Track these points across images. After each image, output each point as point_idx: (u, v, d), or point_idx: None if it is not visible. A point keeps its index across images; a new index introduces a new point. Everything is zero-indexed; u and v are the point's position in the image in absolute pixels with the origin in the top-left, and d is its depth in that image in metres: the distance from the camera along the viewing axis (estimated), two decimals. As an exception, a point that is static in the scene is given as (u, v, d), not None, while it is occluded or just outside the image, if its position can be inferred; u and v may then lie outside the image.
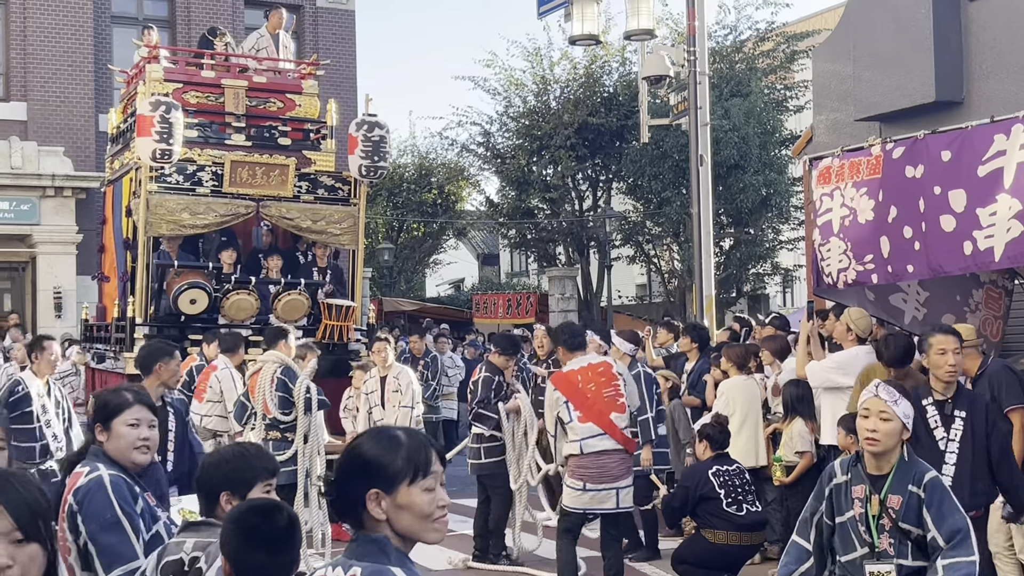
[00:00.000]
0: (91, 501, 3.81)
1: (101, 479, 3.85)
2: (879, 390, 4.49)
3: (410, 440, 2.56)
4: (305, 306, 12.15)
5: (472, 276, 41.89)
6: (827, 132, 13.15)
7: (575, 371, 7.80)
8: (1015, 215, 6.65)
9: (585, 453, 7.61)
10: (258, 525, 2.99)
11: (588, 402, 7.68)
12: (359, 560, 2.49)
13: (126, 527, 3.78)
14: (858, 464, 4.52)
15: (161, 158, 11.41)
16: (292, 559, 2.94)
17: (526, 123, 25.15)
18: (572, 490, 7.69)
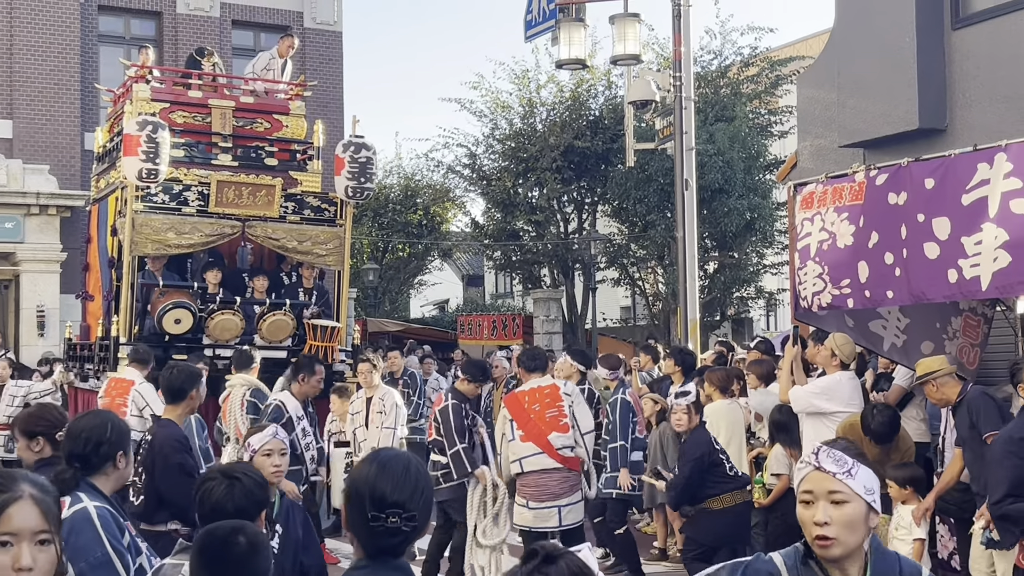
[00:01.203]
0: (79, 536, 3.62)
1: (87, 512, 3.68)
2: (821, 458, 2.89)
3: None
4: (290, 327, 12.14)
5: (457, 297, 41.90)
6: (811, 158, 13.23)
7: (524, 392, 8.31)
8: (1001, 245, 6.65)
9: (525, 471, 8.03)
10: (217, 548, 2.98)
11: (530, 423, 8.10)
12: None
13: (117, 566, 3.62)
14: (810, 564, 2.90)
15: (147, 178, 11.41)
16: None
17: (512, 145, 25.23)
18: (518, 507, 8.15)
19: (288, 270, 13.24)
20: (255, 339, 12.05)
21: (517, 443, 8.10)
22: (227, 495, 3.43)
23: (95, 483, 3.81)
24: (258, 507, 3.49)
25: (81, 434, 3.85)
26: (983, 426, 6.80)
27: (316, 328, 12.11)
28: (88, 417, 4.05)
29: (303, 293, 12.83)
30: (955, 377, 7.13)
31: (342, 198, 12.60)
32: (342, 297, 13.10)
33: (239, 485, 3.46)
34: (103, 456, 3.83)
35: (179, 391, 6.32)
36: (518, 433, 8.11)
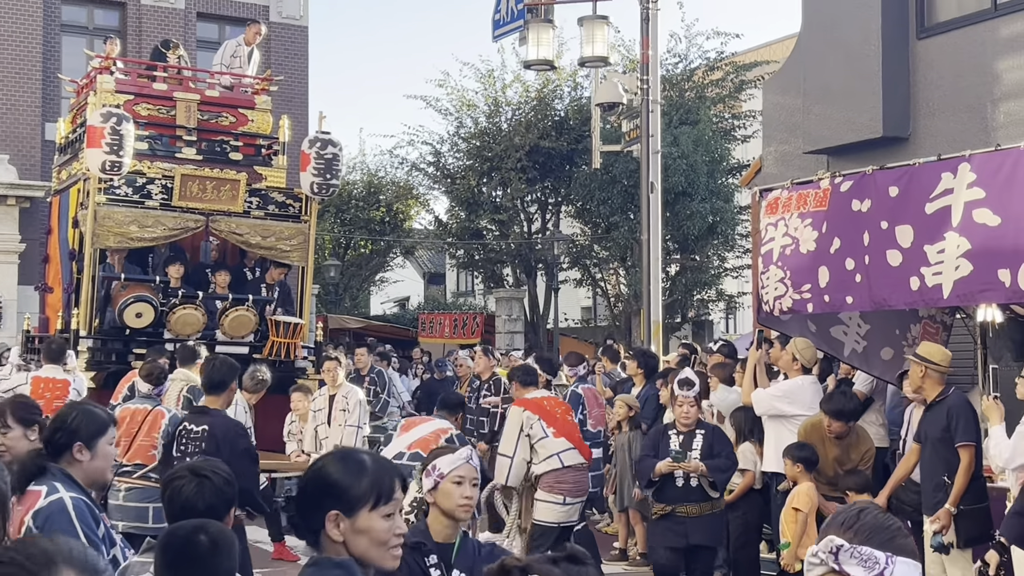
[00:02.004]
0: (53, 526, 3.56)
1: (63, 502, 3.63)
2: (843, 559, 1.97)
3: (375, 465, 2.56)
4: (252, 322, 12.06)
5: (417, 295, 41.80)
6: (775, 163, 13.34)
7: (539, 398, 8.26)
8: (963, 254, 6.74)
9: (565, 466, 7.95)
10: (179, 547, 2.97)
11: (558, 421, 8.10)
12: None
13: None
14: None
15: (111, 170, 11.31)
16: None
17: (477, 144, 25.23)
18: (552, 504, 7.97)
19: (250, 266, 13.14)
20: (217, 334, 11.98)
21: (551, 440, 8.02)
22: (197, 494, 3.38)
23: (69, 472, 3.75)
24: (227, 505, 3.45)
25: (53, 421, 3.86)
26: (960, 434, 6.79)
27: (278, 324, 12.05)
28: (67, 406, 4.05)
29: (266, 289, 12.76)
30: (943, 378, 7.15)
31: (307, 194, 12.54)
32: (305, 294, 13.06)
33: (209, 484, 3.40)
34: (58, 444, 3.77)
35: (220, 383, 6.72)
36: (550, 431, 8.04)
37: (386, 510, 2.51)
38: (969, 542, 6.81)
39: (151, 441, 7.38)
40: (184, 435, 6.79)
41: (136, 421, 7.55)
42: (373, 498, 2.50)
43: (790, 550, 7.56)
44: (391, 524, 2.52)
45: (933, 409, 7.05)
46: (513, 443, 8.04)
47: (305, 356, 12.59)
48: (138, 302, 11.43)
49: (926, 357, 7.14)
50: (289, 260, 12.85)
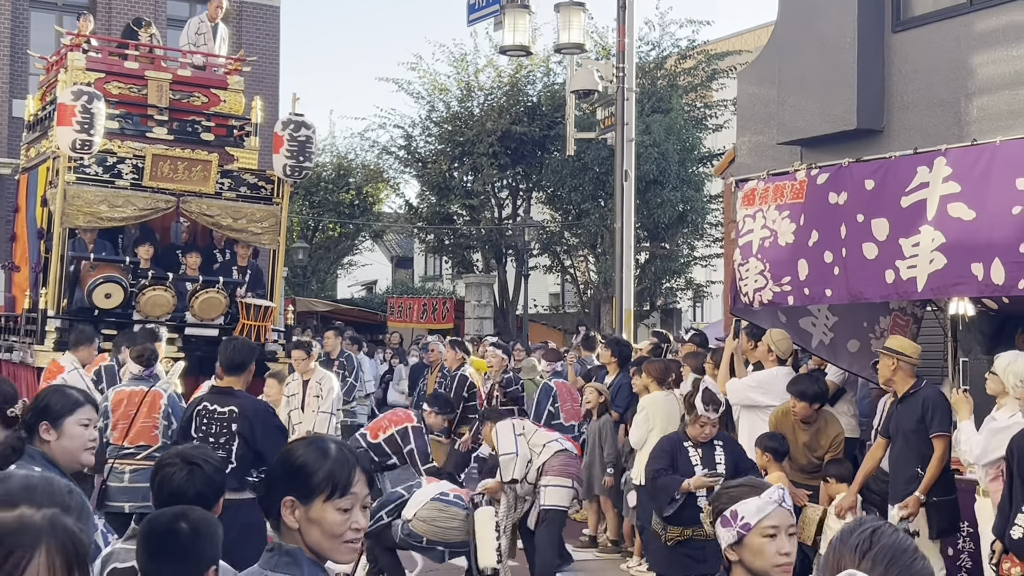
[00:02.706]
0: None
1: None
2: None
3: (338, 455, 2.51)
4: (223, 304, 11.94)
5: (385, 279, 41.69)
6: (749, 154, 13.37)
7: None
8: (937, 247, 6.78)
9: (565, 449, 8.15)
10: (160, 535, 2.98)
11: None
12: (272, 570, 2.45)
13: None
14: None
15: (81, 148, 11.15)
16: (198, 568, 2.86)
17: (449, 128, 25.16)
18: (563, 488, 8.05)
19: (221, 247, 13.02)
20: (187, 316, 11.87)
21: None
22: (188, 481, 3.36)
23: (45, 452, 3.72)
24: (217, 494, 3.44)
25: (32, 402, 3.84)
26: (935, 425, 6.83)
27: (249, 307, 11.94)
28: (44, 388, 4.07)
29: (237, 271, 12.64)
30: (914, 371, 7.18)
31: (279, 177, 12.42)
32: (276, 276, 12.96)
33: (199, 472, 3.39)
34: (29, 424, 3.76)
35: (240, 364, 6.77)
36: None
37: (342, 503, 2.47)
38: (941, 533, 6.88)
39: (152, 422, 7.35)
40: (205, 415, 6.71)
41: (133, 403, 7.49)
42: (328, 489, 2.46)
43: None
44: (346, 518, 2.48)
45: (906, 401, 7.06)
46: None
47: (275, 339, 12.47)
48: (107, 283, 11.27)
49: (897, 350, 7.18)
50: (260, 243, 12.73)
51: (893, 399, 7.34)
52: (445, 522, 7.72)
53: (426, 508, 7.73)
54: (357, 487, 2.50)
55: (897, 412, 7.16)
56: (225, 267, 12.72)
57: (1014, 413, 6.28)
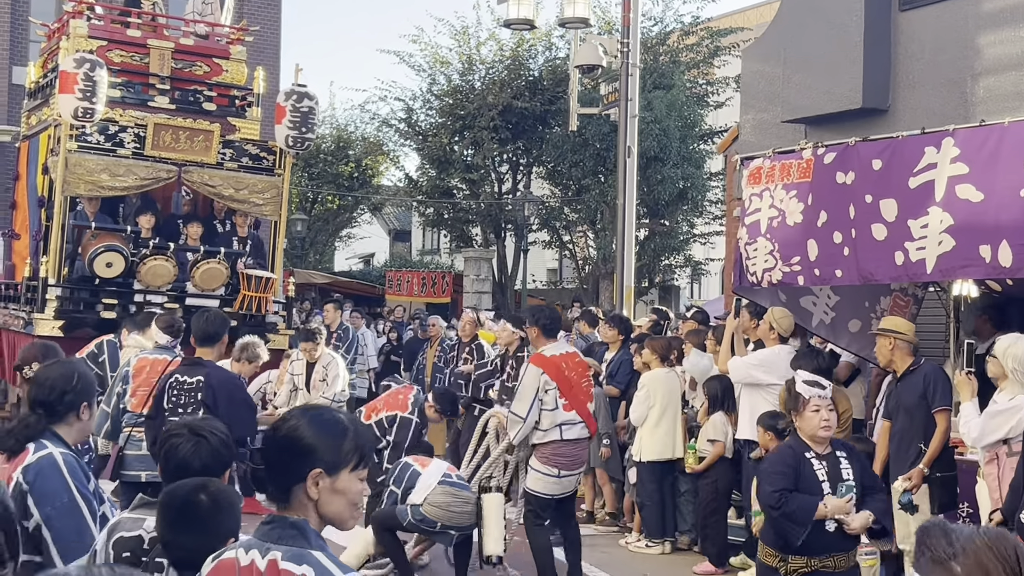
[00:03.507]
0: (44, 482, 3.59)
1: (53, 458, 3.64)
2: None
3: (356, 427, 2.58)
4: (224, 275, 11.91)
5: (383, 252, 41.65)
6: (753, 131, 13.32)
7: (558, 356, 7.74)
8: (946, 229, 6.76)
9: (565, 440, 7.63)
10: (180, 506, 2.99)
11: (572, 390, 7.68)
12: (276, 543, 2.45)
13: (84, 511, 3.59)
14: None
15: (83, 116, 11.09)
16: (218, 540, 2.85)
17: (450, 102, 25.06)
18: (545, 476, 7.66)
19: (222, 218, 12.97)
20: (187, 286, 11.84)
21: (560, 412, 7.62)
22: (193, 453, 3.35)
23: (59, 432, 3.76)
24: (223, 466, 3.43)
25: (47, 382, 3.80)
26: (937, 400, 6.94)
27: (250, 278, 11.91)
28: (56, 366, 3.99)
29: (237, 242, 12.62)
30: (912, 349, 7.24)
31: (282, 147, 12.36)
32: (277, 248, 12.91)
33: (205, 444, 3.38)
34: (67, 405, 3.78)
35: (214, 335, 6.81)
36: (561, 402, 7.63)
37: (362, 473, 2.54)
38: (942, 508, 6.93)
39: None
40: (176, 386, 6.73)
41: (156, 371, 7.43)
42: (355, 459, 2.52)
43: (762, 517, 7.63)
44: (362, 487, 2.57)
45: (906, 379, 7.16)
46: (528, 406, 7.61)
47: (276, 311, 12.44)
48: (108, 252, 11.23)
49: (893, 329, 7.25)
50: (262, 214, 12.68)
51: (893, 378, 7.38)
52: (459, 507, 7.63)
53: (437, 493, 7.61)
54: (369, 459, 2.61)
55: (898, 390, 7.24)
56: (226, 238, 12.69)
57: (1014, 396, 6.30)
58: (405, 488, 7.71)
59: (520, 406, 7.63)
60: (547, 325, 7.91)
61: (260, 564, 2.45)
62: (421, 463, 7.93)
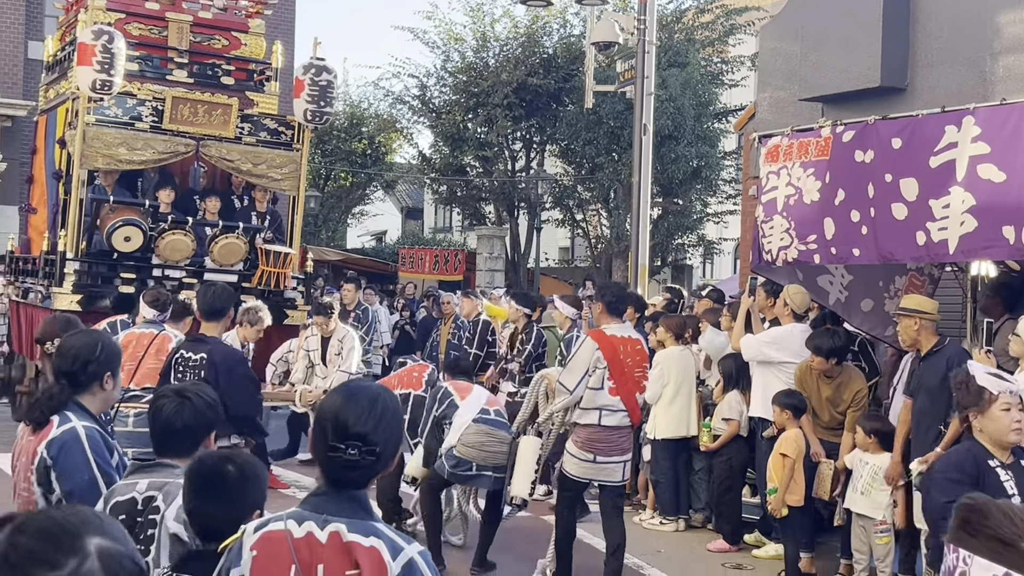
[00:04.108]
0: (67, 456, 3.62)
1: (76, 432, 3.65)
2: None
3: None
4: (243, 250, 11.88)
5: (395, 229, 41.68)
6: (770, 110, 13.29)
7: (618, 339, 7.29)
8: (968, 209, 6.71)
9: (602, 425, 7.21)
10: (207, 476, 3.00)
11: (623, 376, 7.23)
12: (337, 516, 2.43)
13: (102, 488, 3.59)
14: None
15: (101, 89, 11.03)
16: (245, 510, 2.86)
17: (464, 79, 25.04)
18: (580, 460, 7.28)
19: (239, 193, 12.92)
20: (206, 261, 11.81)
21: (603, 394, 7.15)
22: (176, 413, 3.39)
23: (83, 403, 3.77)
24: (207, 428, 3.46)
25: (71, 352, 3.80)
26: None
27: (268, 253, 11.90)
28: (79, 336, 4.00)
29: (256, 217, 12.59)
30: (936, 328, 7.21)
31: (300, 122, 12.31)
32: (296, 223, 12.82)
33: (189, 404, 3.41)
34: (91, 375, 3.79)
35: (220, 310, 6.71)
36: (608, 384, 7.14)
37: None
38: None
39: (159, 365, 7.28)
40: (181, 363, 6.76)
41: (142, 345, 7.44)
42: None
43: (777, 495, 7.68)
44: None
45: (929, 359, 7.10)
46: (577, 379, 7.16)
47: (295, 287, 12.41)
48: (127, 226, 11.20)
49: (919, 309, 7.19)
50: (280, 189, 12.64)
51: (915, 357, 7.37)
52: (493, 446, 7.43)
53: (471, 432, 7.44)
54: None
55: (920, 369, 7.19)
56: (244, 213, 12.65)
57: None
58: (441, 415, 7.65)
59: (569, 378, 7.23)
60: (612, 303, 7.43)
61: (320, 536, 2.41)
62: (460, 392, 7.75)
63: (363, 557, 2.37)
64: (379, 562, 2.37)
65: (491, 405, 7.76)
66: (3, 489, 7.72)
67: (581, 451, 7.27)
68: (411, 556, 2.40)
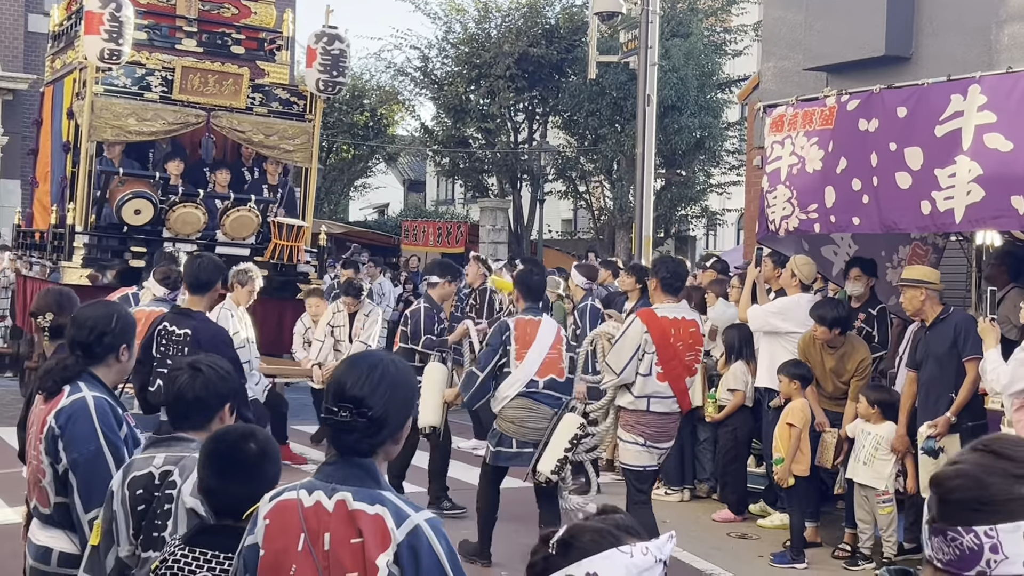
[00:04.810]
0: (74, 426, 3.60)
1: (84, 402, 3.64)
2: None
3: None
4: (255, 223, 11.73)
5: (397, 202, 41.65)
6: (774, 79, 13.33)
7: (669, 320, 6.84)
8: (975, 179, 6.70)
9: (650, 411, 6.85)
10: (227, 453, 2.95)
11: (672, 361, 6.82)
12: (344, 484, 2.43)
13: (108, 458, 3.59)
14: None
15: (109, 58, 10.90)
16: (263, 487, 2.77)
17: (465, 50, 24.97)
18: (633, 446, 6.92)
19: (250, 165, 12.79)
20: (217, 235, 11.69)
21: (652, 380, 6.79)
22: (188, 385, 3.33)
23: (97, 374, 3.77)
24: (220, 399, 3.39)
25: (86, 323, 3.78)
26: (968, 349, 6.92)
27: (281, 226, 11.77)
28: (95, 307, 3.98)
29: (268, 190, 12.45)
30: (940, 297, 7.26)
31: (313, 91, 12.17)
32: (308, 195, 12.68)
33: (201, 376, 3.34)
34: (106, 347, 3.77)
35: (207, 283, 6.40)
36: (657, 370, 6.77)
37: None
38: None
39: None
40: (164, 335, 6.50)
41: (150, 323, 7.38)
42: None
43: (783, 465, 7.75)
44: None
45: (936, 328, 7.14)
46: (624, 362, 6.78)
47: (308, 260, 12.30)
48: (137, 198, 11.08)
49: (923, 279, 7.22)
50: (293, 160, 12.53)
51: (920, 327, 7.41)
52: (533, 422, 7.06)
53: (512, 406, 7.07)
54: None
55: (927, 338, 7.22)
56: (255, 185, 12.50)
57: None
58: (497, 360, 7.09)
59: (616, 360, 6.83)
60: (667, 279, 6.92)
61: (327, 504, 2.42)
62: (520, 346, 7.09)
63: (366, 525, 2.37)
64: (383, 530, 2.37)
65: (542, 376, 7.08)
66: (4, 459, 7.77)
67: (630, 434, 6.92)
68: (417, 523, 2.38)
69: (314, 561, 2.40)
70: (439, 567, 2.36)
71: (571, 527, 1.84)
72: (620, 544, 1.79)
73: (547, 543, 1.83)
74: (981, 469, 1.68)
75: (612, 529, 1.82)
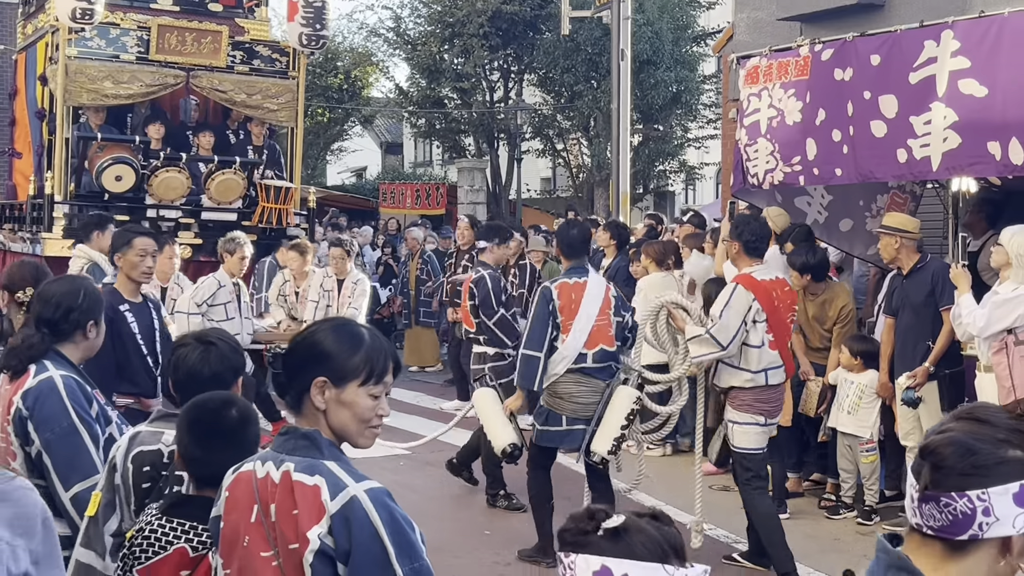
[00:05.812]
0: (43, 406, 3.53)
1: (52, 381, 3.57)
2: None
3: (374, 342, 2.55)
4: (241, 187, 11.47)
5: (375, 165, 41.48)
6: (748, 31, 13.36)
7: (768, 283, 6.40)
8: (951, 125, 6.68)
9: (769, 385, 6.37)
10: (208, 420, 2.93)
11: (780, 327, 6.40)
12: (290, 454, 2.44)
13: (83, 436, 3.55)
14: None
15: (81, 18, 10.64)
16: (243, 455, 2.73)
17: (438, 9, 24.87)
18: (751, 427, 6.37)
19: (235, 127, 12.56)
20: (203, 199, 11.50)
21: (767, 351, 6.31)
22: (202, 360, 3.23)
23: (63, 351, 3.70)
24: (234, 372, 3.31)
25: (52, 299, 3.71)
26: (945, 298, 6.93)
27: (268, 189, 11.57)
28: (60, 282, 3.91)
29: (253, 151, 12.19)
30: (917, 246, 7.27)
31: (295, 47, 11.92)
32: (295, 156, 12.43)
33: (215, 350, 3.26)
34: (72, 323, 3.71)
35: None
36: (768, 338, 6.31)
37: (374, 390, 2.50)
38: (951, 404, 6.83)
39: None
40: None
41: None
42: (365, 374, 2.49)
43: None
44: (376, 404, 2.51)
45: (913, 276, 7.14)
46: (732, 334, 6.23)
47: (297, 224, 12.09)
48: (117, 164, 10.83)
49: (898, 227, 7.22)
50: (277, 120, 12.28)
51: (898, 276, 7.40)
52: (585, 397, 6.55)
53: (561, 382, 6.54)
54: (388, 376, 2.55)
55: (904, 287, 7.22)
56: (240, 147, 12.24)
57: (1017, 286, 6.30)
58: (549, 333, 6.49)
59: (723, 332, 6.23)
60: (750, 242, 6.44)
61: (275, 476, 2.42)
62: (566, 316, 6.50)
63: (301, 496, 2.36)
64: (316, 502, 2.35)
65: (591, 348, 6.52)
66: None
67: (748, 415, 6.37)
68: (353, 494, 2.35)
69: (265, 532, 2.42)
70: (376, 538, 2.32)
71: (628, 521, 1.82)
72: (667, 562, 1.79)
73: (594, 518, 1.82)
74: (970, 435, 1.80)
75: (664, 544, 1.82)
